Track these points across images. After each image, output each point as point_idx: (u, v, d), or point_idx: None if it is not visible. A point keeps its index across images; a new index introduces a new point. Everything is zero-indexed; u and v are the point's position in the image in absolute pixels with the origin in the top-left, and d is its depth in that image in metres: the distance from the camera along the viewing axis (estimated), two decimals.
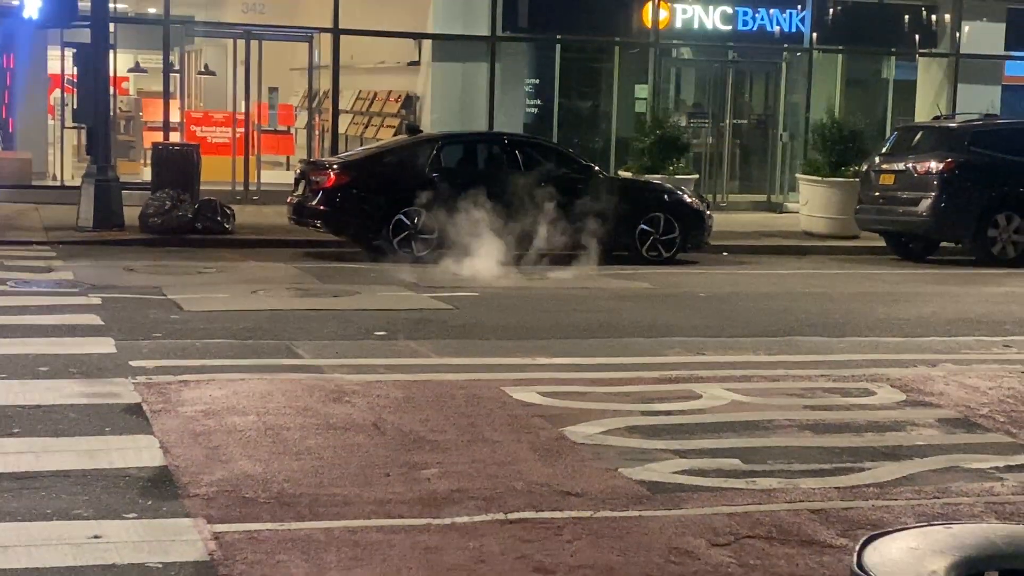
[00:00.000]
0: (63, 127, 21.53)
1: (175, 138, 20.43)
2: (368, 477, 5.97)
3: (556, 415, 7.29)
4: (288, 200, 15.84)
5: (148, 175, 18.82)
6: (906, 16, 23.70)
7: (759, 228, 20.09)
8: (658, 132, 19.66)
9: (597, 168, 16.45)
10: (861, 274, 15.63)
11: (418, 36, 21.82)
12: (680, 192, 16.53)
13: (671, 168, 19.26)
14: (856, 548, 3.05)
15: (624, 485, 6.01)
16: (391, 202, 14.94)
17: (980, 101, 22.05)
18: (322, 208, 15.03)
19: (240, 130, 21.28)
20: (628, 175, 19.24)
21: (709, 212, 16.52)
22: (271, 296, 11.76)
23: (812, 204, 19.59)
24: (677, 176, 18.88)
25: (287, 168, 23.28)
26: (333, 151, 20.68)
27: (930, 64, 24.34)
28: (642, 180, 18.06)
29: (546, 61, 22.88)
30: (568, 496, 5.80)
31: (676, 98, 24.34)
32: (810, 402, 7.97)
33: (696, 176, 20.58)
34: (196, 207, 16.36)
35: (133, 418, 6.93)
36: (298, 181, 15.79)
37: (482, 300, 11.99)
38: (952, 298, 13.35)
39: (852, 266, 16.54)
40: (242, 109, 21.42)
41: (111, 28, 18.05)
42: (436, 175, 15.18)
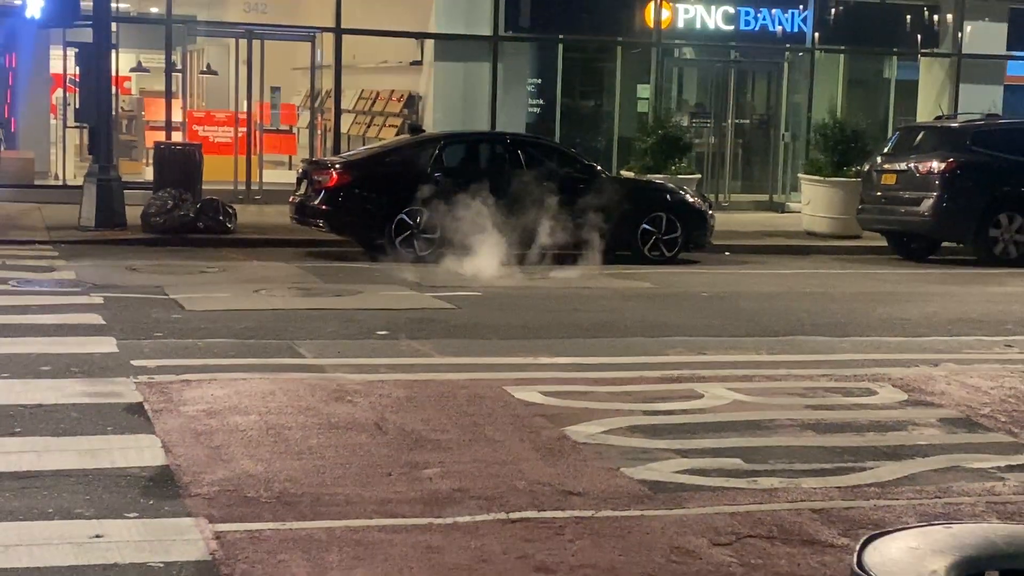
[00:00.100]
0: (65, 127, 21.56)
1: (177, 138, 20.45)
2: (370, 476, 5.97)
3: (558, 414, 7.29)
4: (290, 200, 15.85)
5: (150, 175, 18.84)
6: (908, 16, 23.70)
7: (761, 228, 20.08)
8: (660, 132, 19.67)
9: (599, 168, 16.44)
10: (863, 274, 15.63)
11: (420, 36, 21.84)
12: (682, 192, 16.53)
13: (673, 168, 19.27)
14: (856, 548, 3.05)
15: (626, 484, 6.01)
16: (393, 202, 14.94)
17: (982, 101, 22.03)
18: (324, 208, 15.03)
19: (242, 130, 21.28)
20: (630, 175, 19.25)
21: (711, 212, 16.50)
22: (273, 295, 11.77)
23: (814, 204, 19.59)
24: (679, 176, 18.89)
25: (289, 168, 23.30)
26: (335, 151, 20.69)
27: (932, 64, 24.33)
28: (644, 180, 18.07)
29: (548, 61, 22.89)
30: (570, 495, 5.80)
31: (678, 98, 24.36)
32: (812, 402, 7.97)
33: (698, 176, 20.57)
34: (198, 207, 16.37)
35: (135, 417, 6.93)
36: (300, 181, 15.79)
37: (484, 300, 11.99)
38: (954, 298, 13.34)
39: (854, 266, 16.53)
40: (244, 109, 21.42)
41: (113, 28, 18.08)
42: (438, 175, 15.18)
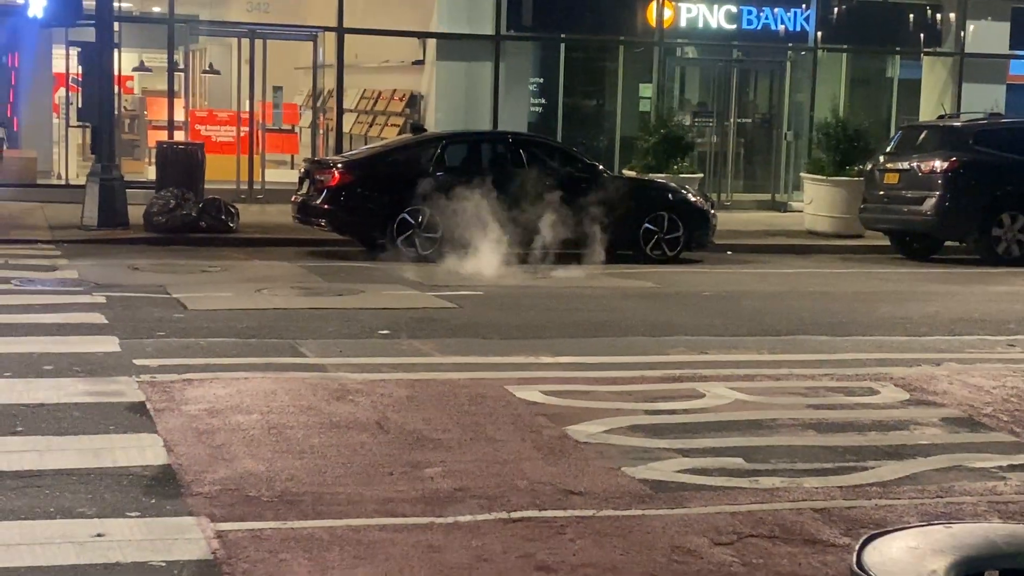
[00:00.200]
0: (68, 126, 21.56)
1: (179, 137, 20.45)
2: (371, 476, 5.97)
3: (559, 414, 7.29)
4: (292, 199, 15.86)
5: (152, 174, 18.83)
6: (911, 15, 23.70)
7: (763, 227, 20.08)
8: (662, 131, 19.66)
9: (601, 167, 16.44)
10: (865, 273, 15.62)
11: (422, 35, 21.85)
12: (684, 191, 16.53)
13: (675, 167, 19.27)
14: (856, 547, 3.05)
15: (627, 484, 6.01)
16: (395, 201, 14.94)
17: (984, 100, 22.03)
18: (326, 207, 15.03)
19: (244, 129, 21.30)
20: (632, 174, 19.23)
21: (713, 211, 16.51)
22: (275, 295, 11.77)
23: (816, 203, 19.59)
24: (681, 175, 18.89)
25: (291, 167, 23.28)
26: (337, 150, 20.70)
27: (934, 63, 24.32)
28: (646, 179, 18.06)
29: (550, 60, 22.90)
30: (571, 495, 5.80)
31: (680, 97, 24.35)
32: (813, 401, 7.96)
33: (700, 175, 20.58)
34: (200, 206, 16.38)
35: (137, 416, 6.94)
36: (302, 180, 15.80)
37: (486, 299, 11.99)
38: (956, 297, 13.34)
39: (856, 265, 16.53)
40: (246, 108, 21.42)
41: (115, 27, 18.07)
42: (440, 174, 15.18)
